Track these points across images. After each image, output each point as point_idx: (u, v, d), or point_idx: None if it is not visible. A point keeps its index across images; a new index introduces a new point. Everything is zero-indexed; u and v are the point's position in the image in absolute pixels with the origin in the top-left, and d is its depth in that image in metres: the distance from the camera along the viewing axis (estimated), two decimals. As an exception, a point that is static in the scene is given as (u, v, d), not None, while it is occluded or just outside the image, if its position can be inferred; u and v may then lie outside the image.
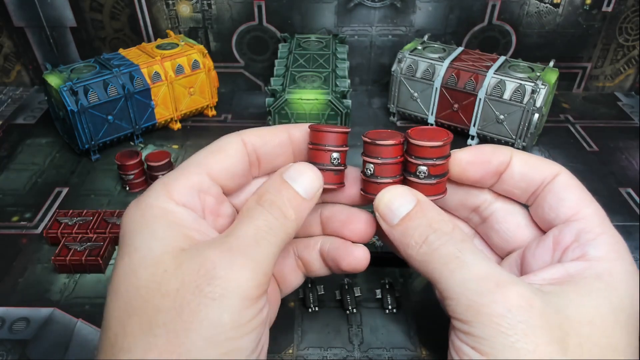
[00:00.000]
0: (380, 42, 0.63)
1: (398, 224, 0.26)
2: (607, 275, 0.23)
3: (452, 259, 0.24)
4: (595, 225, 0.25)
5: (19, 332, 0.35)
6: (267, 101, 0.50)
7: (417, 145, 0.26)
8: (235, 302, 0.21)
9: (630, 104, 0.65)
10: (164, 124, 0.58)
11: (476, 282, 0.22)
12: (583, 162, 0.54)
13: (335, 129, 0.27)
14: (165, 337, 0.21)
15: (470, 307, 0.22)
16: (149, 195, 0.25)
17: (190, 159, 0.27)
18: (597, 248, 0.24)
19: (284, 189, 0.25)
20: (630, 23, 0.62)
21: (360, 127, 0.59)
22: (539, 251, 0.27)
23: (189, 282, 0.21)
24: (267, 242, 0.24)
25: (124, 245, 0.24)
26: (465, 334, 0.22)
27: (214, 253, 0.22)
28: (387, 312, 0.36)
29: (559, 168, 0.27)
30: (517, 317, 0.21)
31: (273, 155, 0.29)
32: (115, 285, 0.23)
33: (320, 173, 0.27)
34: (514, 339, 0.21)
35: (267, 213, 0.24)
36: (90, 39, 0.63)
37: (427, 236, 0.25)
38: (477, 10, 0.61)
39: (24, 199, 0.48)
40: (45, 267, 0.40)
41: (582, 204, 0.26)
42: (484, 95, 0.51)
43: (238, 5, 0.61)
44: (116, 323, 0.22)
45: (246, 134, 0.28)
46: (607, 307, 0.22)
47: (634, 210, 0.47)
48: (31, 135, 0.57)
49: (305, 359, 0.33)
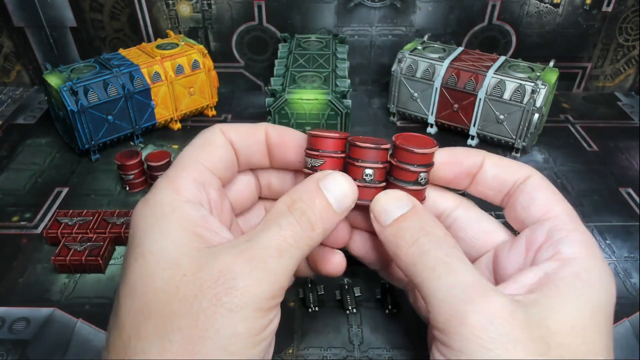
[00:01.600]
0: (380, 42, 0.63)
1: (391, 224, 0.26)
2: (583, 273, 0.23)
3: (440, 264, 0.23)
4: (566, 223, 0.25)
5: (19, 332, 0.35)
6: (267, 101, 0.50)
7: (416, 153, 0.27)
8: (249, 313, 0.21)
9: (630, 104, 0.65)
10: (164, 124, 0.58)
11: (461, 289, 0.22)
12: (583, 162, 0.54)
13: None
14: (180, 344, 0.21)
15: (453, 316, 0.22)
16: (156, 193, 0.25)
17: (182, 155, 0.27)
18: (569, 245, 0.24)
19: (317, 197, 0.25)
20: (630, 23, 0.62)
21: (360, 127, 0.59)
22: (512, 253, 0.27)
23: (207, 289, 0.21)
24: (290, 255, 0.23)
25: (135, 246, 0.23)
26: (445, 346, 0.22)
27: (235, 261, 0.22)
28: (387, 312, 0.36)
29: (530, 170, 0.28)
30: (499, 329, 0.21)
31: (250, 152, 0.29)
32: (131, 287, 0.22)
33: (357, 188, 0.26)
34: (494, 354, 0.20)
35: (295, 224, 0.24)
36: (90, 39, 0.63)
37: (418, 238, 0.25)
38: (477, 10, 0.61)
39: (24, 199, 0.48)
40: (45, 267, 0.40)
41: (553, 202, 0.26)
42: (484, 95, 0.51)
43: (238, 5, 0.61)
44: (131, 325, 0.22)
45: (224, 127, 0.28)
46: (587, 310, 0.22)
47: (634, 210, 0.47)
48: (31, 135, 0.57)
49: (305, 359, 0.33)
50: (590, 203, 0.48)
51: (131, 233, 0.24)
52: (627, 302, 0.38)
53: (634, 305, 0.38)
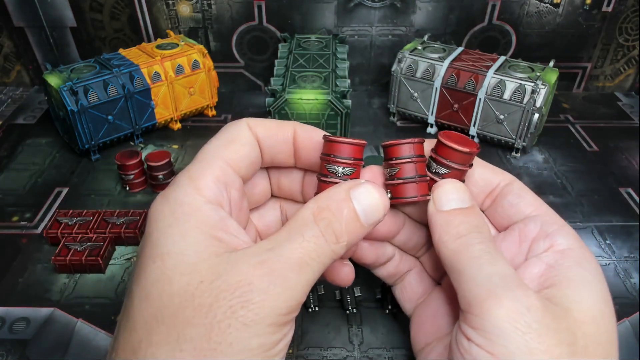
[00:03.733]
0: (380, 42, 0.63)
1: (448, 212, 0.26)
2: (585, 263, 0.24)
3: (485, 254, 0.24)
4: (555, 219, 0.27)
5: (19, 332, 0.35)
6: (267, 101, 0.50)
7: (458, 150, 0.27)
8: (263, 327, 0.21)
9: (630, 104, 0.65)
10: (164, 124, 0.58)
11: (501, 277, 0.23)
12: (583, 162, 0.54)
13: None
14: (191, 354, 0.20)
15: (491, 298, 0.22)
16: (177, 189, 0.24)
17: (206, 150, 0.26)
18: (564, 237, 0.26)
19: (346, 207, 0.24)
20: (630, 23, 0.62)
21: (360, 127, 0.59)
22: (505, 244, 0.28)
23: (223, 300, 0.21)
24: (311, 269, 0.23)
25: (153, 245, 0.23)
26: (476, 329, 0.22)
27: (254, 273, 0.21)
28: (387, 312, 0.36)
29: (513, 178, 0.29)
30: (534, 317, 0.22)
31: (275, 150, 0.28)
32: (147, 290, 0.22)
33: (389, 202, 0.26)
34: (528, 338, 0.21)
35: (320, 236, 0.23)
36: (90, 39, 0.63)
37: (470, 232, 0.25)
38: (477, 10, 0.61)
39: (24, 199, 0.48)
40: (45, 267, 0.40)
41: (539, 203, 0.28)
42: (484, 95, 0.51)
43: (238, 5, 0.61)
44: (143, 329, 0.21)
45: (252, 122, 0.27)
46: (600, 298, 0.23)
47: (634, 210, 0.47)
48: (31, 135, 0.57)
49: (306, 359, 0.33)
50: (590, 203, 0.48)
51: (148, 230, 0.24)
52: (627, 302, 0.38)
53: (634, 305, 0.38)
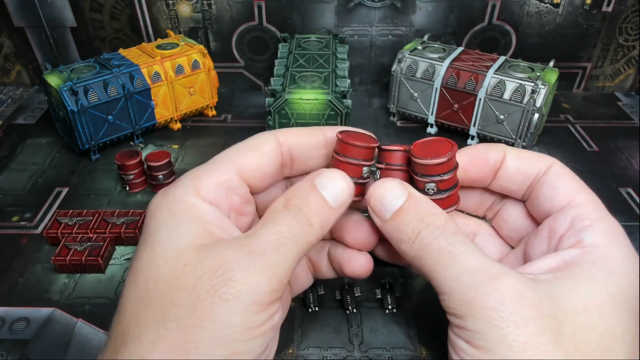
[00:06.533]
0: (380, 42, 0.63)
1: (390, 218, 0.26)
2: (603, 261, 0.23)
3: (445, 254, 0.24)
4: (590, 211, 0.25)
5: (19, 332, 0.35)
6: (267, 101, 0.50)
7: (421, 164, 0.26)
8: (247, 305, 0.22)
9: (630, 104, 0.65)
10: (164, 124, 0.58)
11: (469, 276, 0.23)
12: (583, 162, 0.54)
13: (365, 143, 0.26)
14: (176, 332, 0.21)
15: (464, 301, 0.22)
16: (177, 188, 0.25)
17: (223, 153, 0.27)
18: (592, 234, 0.24)
19: (312, 194, 0.25)
20: (630, 23, 0.62)
21: (360, 127, 0.59)
22: (536, 241, 0.27)
23: (205, 280, 0.22)
24: (288, 249, 0.24)
25: (147, 235, 0.24)
26: (460, 328, 0.23)
27: (233, 254, 0.23)
28: (387, 312, 0.36)
29: (551, 160, 0.27)
30: (508, 309, 0.21)
31: (307, 157, 0.29)
32: (135, 274, 0.23)
33: (352, 183, 0.26)
34: (505, 332, 0.21)
35: (291, 219, 0.24)
36: (90, 39, 0.63)
37: (419, 231, 0.25)
38: (477, 10, 0.61)
39: (24, 199, 0.48)
40: (45, 267, 0.40)
41: (576, 191, 0.26)
42: (484, 95, 0.51)
43: (238, 5, 0.61)
44: (131, 311, 0.22)
45: (283, 133, 0.28)
46: (603, 293, 0.22)
47: (634, 210, 0.47)
48: (31, 135, 0.57)
49: (306, 359, 0.33)
50: (590, 203, 0.48)
51: (146, 222, 0.25)
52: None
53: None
